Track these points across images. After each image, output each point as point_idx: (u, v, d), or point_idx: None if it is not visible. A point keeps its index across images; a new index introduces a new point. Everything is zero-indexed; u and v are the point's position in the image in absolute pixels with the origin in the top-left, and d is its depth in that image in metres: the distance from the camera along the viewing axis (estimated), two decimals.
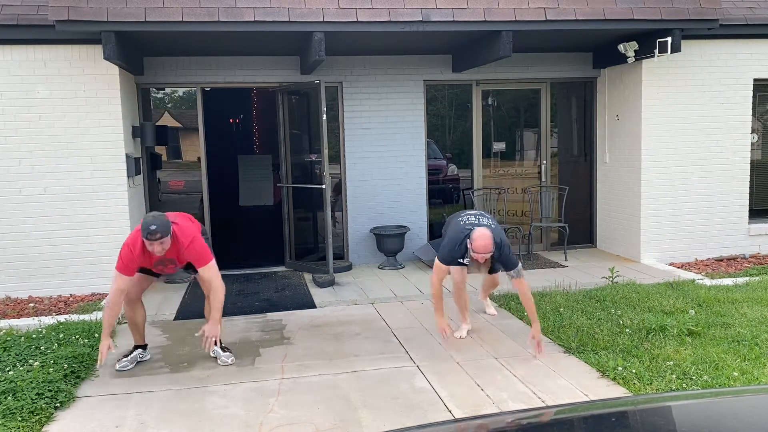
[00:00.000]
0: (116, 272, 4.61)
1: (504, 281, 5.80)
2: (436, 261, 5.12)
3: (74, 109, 6.81)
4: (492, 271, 5.59)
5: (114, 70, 6.82)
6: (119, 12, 5.96)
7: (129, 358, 5.01)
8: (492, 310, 5.93)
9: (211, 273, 4.74)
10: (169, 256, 4.70)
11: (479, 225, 4.98)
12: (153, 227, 4.43)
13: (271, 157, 11.02)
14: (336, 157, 8.29)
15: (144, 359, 5.14)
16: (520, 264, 5.00)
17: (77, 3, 5.89)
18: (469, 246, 4.88)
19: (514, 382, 4.53)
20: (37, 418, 4.03)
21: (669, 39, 7.05)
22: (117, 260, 4.63)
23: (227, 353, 5.09)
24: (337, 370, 4.82)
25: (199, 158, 8.16)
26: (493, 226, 5.03)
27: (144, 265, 4.74)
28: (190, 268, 4.95)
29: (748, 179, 8.25)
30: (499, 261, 5.01)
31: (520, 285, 4.96)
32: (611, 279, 6.94)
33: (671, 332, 5.19)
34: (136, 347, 5.11)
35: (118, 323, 6.11)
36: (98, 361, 4.63)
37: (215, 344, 5.05)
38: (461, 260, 5.05)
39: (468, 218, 5.14)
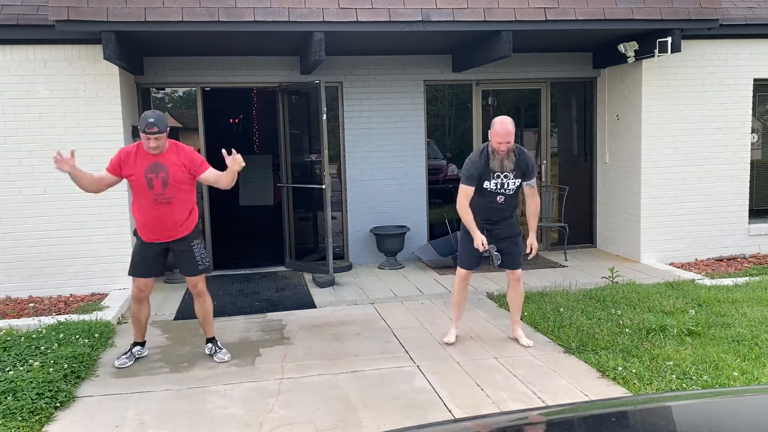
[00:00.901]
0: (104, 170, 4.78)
1: (501, 279, 5.77)
2: (461, 185, 5.08)
3: (74, 109, 6.81)
4: (513, 264, 5.20)
5: (114, 70, 6.82)
6: (119, 12, 5.96)
7: (127, 354, 5.05)
8: (526, 340, 5.25)
9: (215, 172, 4.89)
10: (162, 162, 4.73)
11: None
12: (151, 120, 4.51)
13: (271, 157, 11.02)
14: (336, 157, 8.29)
15: (142, 355, 5.17)
16: (535, 175, 5.20)
17: (77, 3, 5.89)
18: (490, 140, 4.96)
19: (514, 382, 4.53)
20: (37, 418, 4.03)
21: (669, 39, 7.06)
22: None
23: (223, 351, 5.14)
24: (337, 370, 4.82)
25: None
26: None
27: (135, 171, 4.74)
28: (183, 263, 4.96)
29: (748, 179, 8.25)
30: (522, 164, 5.01)
31: (533, 196, 5.14)
32: (611, 279, 6.94)
33: (671, 332, 5.19)
34: (134, 344, 5.15)
35: (118, 323, 6.12)
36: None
37: (214, 343, 5.18)
38: (487, 166, 4.98)
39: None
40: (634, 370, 4.49)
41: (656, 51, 7.22)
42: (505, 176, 5.01)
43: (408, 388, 4.47)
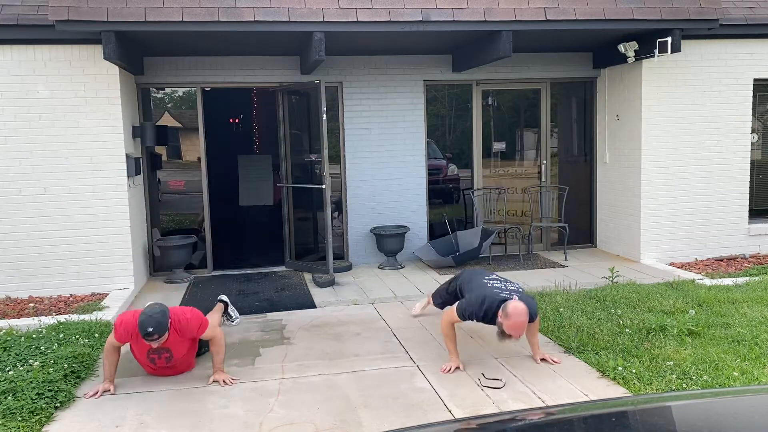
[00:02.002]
0: (114, 322, 4.56)
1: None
2: (453, 311, 4.76)
3: (74, 109, 6.81)
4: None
5: (114, 70, 6.82)
6: (119, 12, 5.96)
7: None
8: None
9: (212, 332, 4.67)
10: (165, 346, 4.54)
11: (509, 295, 4.64)
12: (149, 329, 4.26)
13: (271, 157, 11.02)
14: (336, 157, 8.29)
15: None
16: (538, 313, 4.83)
17: (77, 3, 5.89)
18: (501, 321, 4.51)
19: (514, 382, 4.53)
20: (37, 418, 4.03)
21: (669, 39, 7.05)
22: (118, 317, 4.55)
23: (234, 315, 5.57)
24: (337, 370, 4.82)
25: (199, 158, 8.16)
26: (521, 292, 4.78)
27: (137, 350, 4.62)
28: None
29: (748, 179, 8.25)
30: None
31: (533, 327, 4.83)
32: (611, 279, 6.93)
33: (671, 332, 5.19)
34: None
35: None
36: (90, 393, 4.46)
37: (226, 315, 5.58)
38: (482, 321, 4.71)
39: (494, 283, 4.85)
40: (634, 370, 4.49)
41: (656, 51, 7.22)
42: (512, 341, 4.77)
43: (408, 388, 4.47)
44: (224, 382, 4.60)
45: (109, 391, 4.49)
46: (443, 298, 5.59)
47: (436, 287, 5.89)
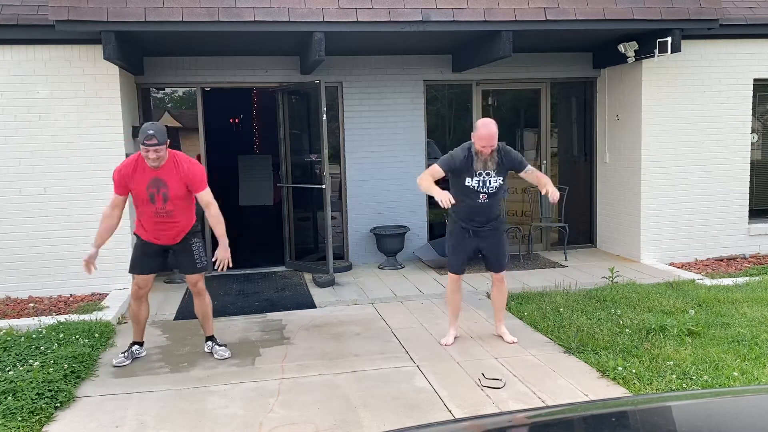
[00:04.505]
0: (113, 194, 4.80)
1: (508, 281, 5.73)
2: (432, 165, 5.13)
3: (74, 109, 6.81)
4: (496, 266, 5.25)
5: (114, 70, 6.82)
6: (119, 12, 5.95)
7: (125, 354, 5.05)
8: (510, 337, 5.32)
9: (209, 196, 4.88)
10: (163, 177, 4.73)
11: None
12: (150, 132, 4.50)
13: (271, 157, 11.02)
14: (336, 157, 8.29)
15: (140, 355, 5.18)
16: (527, 163, 5.20)
17: (77, 3, 5.89)
18: (473, 141, 4.95)
19: (514, 382, 4.53)
20: (37, 418, 4.03)
21: (669, 39, 7.05)
22: (113, 184, 4.79)
23: (223, 347, 5.18)
24: (337, 370, 4.82)
25: (199, 158, 8.16)
26: None
27: (136, 186, 4.76)
28: (182, 261, 4.98)
29: (748, 179, 8.25)
30: (509, 161, 5.05)
31: (539, 176, 5.19)
32: (611, 279, 6.93)
33: (671, 332, 5.19)
34: (133, 343, 5.16)
35: (118, 323, 6.12)
36: (85, 267, 4.80)
37: (213, 340, 5.25)
38: (470, 165, 4.98)
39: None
40: (634, 370, 4.49)
41: (656, 51, 7.22)
42: (488, 174, 5.02)
43: (408, 388, 4.47)
44: (222, 265, 4.81)
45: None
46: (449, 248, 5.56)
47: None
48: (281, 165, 8.35)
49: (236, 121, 13.09)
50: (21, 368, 4.62)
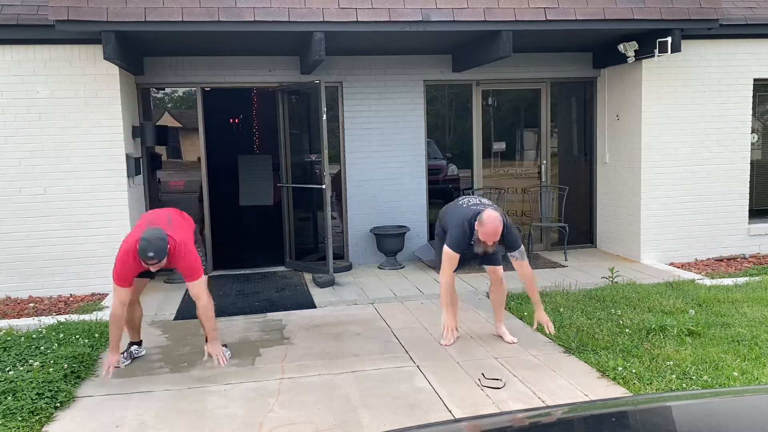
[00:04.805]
0: (114, 285, 4.59)
1: (507, 281, 5.75)
2: (446, 250, 5.01)
3: (74, 109, 6.81)
4: (493, 262, 5.30)
5: (114, 70, 6.82)
6: (119, 12, 5.95)
7: (125, 354, 5.04)
8: (510, 337, 5.33)
9: (199, 288, 4.70)
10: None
11: (484, 207, 4.97)
12: (150, 254, 4.37)
13: (271, 157, 11.01)
14: (336, 157, 8.29)
15: (139, 355, 5.18)
16: (522, 246, 5.05)
17: (77, 3, 5.89)
18: (477, 229, 4.86)
19: (514, 382, 4.53)
20: (37, 418, 4.03)
21: (669, 39, 7.05)
22: (113, 272, 4.59)
23: (223, 348, 5.14)
24: (337, 370, 4.82)
25: (199, 158, 8.16)
26: (495, 206, 5.07)
27: (139, 270, 4.69)
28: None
29: (748, 179, 8.25)
30: (506, 241, 4.99)
31: (521, 267, 5.03)
32: (611, 279, 6.93)
33: (671, 332, 5.19)
34: (131, 343, 5.16)
35: None
36: (103, 372, 4.61)
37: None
38: (471, 243, 4.96)
39: (468, 201, 5.13)
40: (634, 370, 4.49)
41: (656, 51, 7.22)
42: (486, 250, 5.01)
43: (408, 388, 4.47)
44: (218, 361, 4.65)
45: (119, 366, 4.67)
46: (440, 252, 5.46)
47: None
48: (281, 165, 8.35)
49: (236, 121, 13.08)
50: (21, 368, 4.62)
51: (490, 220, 4.80)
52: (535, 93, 8.89)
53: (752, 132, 8.36)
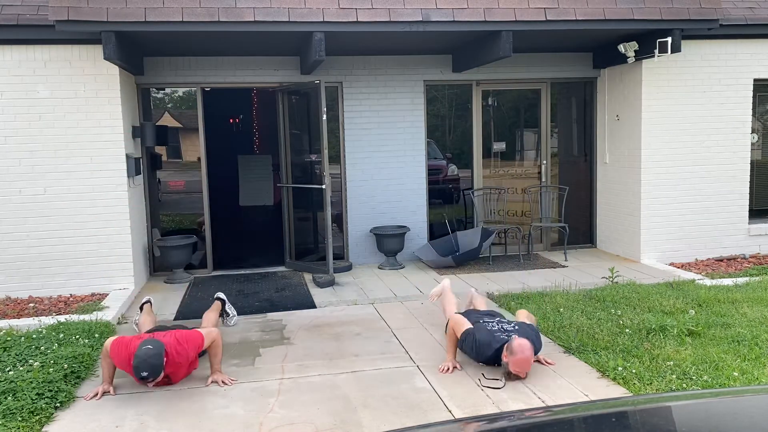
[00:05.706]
0: (109, 345, 4.44)
1: (507, 281, 5.76)
2: (460, 327, 4.75)
3: (74, 110, 6.81)
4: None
5: (114, 70, 6.82)
6: (119, 12, 5.96)
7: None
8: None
9: (210, 338, 4.62)
10: (163, 375, 4.43)
11: (509, 334, 4.64)
12: (145, 374, 4.20)
13: (271, 157, 11.01)
14: (336, 157, 8.29)
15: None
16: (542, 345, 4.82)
17: (77, 3, 5.89)
18: (505, 359, 4.51)
19: (514, 382, 4.52)
20: (37, 418, 4.03)
21: (669, 39, 7.05)
22: (113, 343, 4.42)
23: (231, 313, 5.56)
24: (337, 370, 4.82)
25: (199, 158, 8.16)
26: (528, 330, 4.73)
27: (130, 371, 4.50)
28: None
29: (748, 179, 8.25)
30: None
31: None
32: (611, 279, 6.93)
33: (671, 332, 5.19)
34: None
35: (118, 323, 6.12)
36: (90, 395, 4.42)
37: (223, 313, 5.62)
38: (490, 357, 4.65)
39: (497, 325, 4.78)
40: (634, 370, 4.49)
41: (656, 51, 7.22)
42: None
43: (408, 388, 4.47)
44: (223, 382, 4.60)
45: (109, 392, 4.47)
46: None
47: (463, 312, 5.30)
48: (281, 165, 8.36)
49: (236, 121, 13.09)
50: (21, 368, 4.62)
51: (521, 348, 4.42)
52: (535, 93, 8.89)
53: (752, 132, 8.36)
